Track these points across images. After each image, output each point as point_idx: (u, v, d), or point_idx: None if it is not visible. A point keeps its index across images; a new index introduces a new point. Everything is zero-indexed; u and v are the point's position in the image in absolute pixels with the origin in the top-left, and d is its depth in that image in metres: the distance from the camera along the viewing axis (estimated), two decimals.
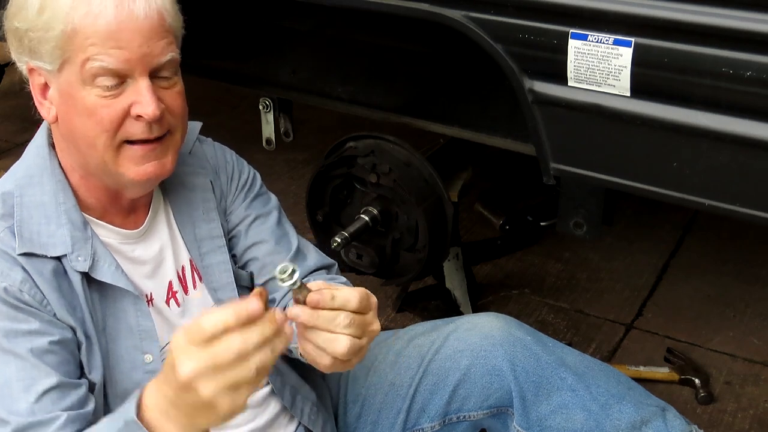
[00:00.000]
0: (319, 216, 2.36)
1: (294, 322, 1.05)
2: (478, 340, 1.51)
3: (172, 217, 1.42)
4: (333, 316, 1.05)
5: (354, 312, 1.06)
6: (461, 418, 1.53)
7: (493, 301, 2.77)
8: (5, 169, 1.33)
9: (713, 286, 2.81)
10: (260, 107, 2.50)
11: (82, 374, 1.24)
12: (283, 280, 1.02)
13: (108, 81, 1.20)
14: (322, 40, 2.41)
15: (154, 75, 1.23)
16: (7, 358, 1.17)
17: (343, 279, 1.55)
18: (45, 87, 1.25)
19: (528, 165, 2.00)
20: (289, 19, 2.41)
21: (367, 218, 2.24)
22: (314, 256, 1.54)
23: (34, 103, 1.29)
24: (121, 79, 1.20)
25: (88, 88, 1.20)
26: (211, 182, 1.46)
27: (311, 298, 1.04)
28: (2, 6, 1.26)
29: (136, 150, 1.25)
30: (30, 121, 1.28)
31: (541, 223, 3.08)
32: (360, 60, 2.36)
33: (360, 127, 2.38)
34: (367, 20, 2.09)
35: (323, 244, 2.39)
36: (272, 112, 2.49)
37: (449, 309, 2.59)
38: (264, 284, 1.46)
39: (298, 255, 1.49)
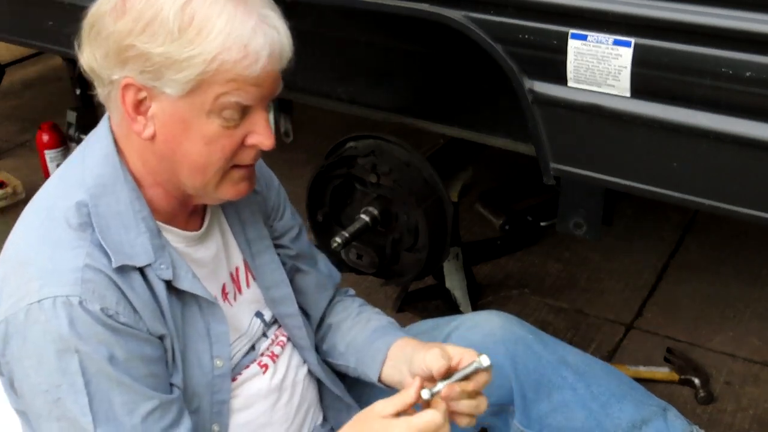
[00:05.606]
0: (319, 216, 2.36)
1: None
2: (480, 338, 1.51)
3: (223, 219, 1.43)
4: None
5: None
6: None
7: (493, 301, 2.77)
8: (5, 168, 1.32)
9: (713, 286, 2.81)
10: None
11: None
12: (479, 365, 1.26)
13: (236, 114, 1.19)
14: (322, 40, 2.40)
15: None
16: (110, 384, 1.17)
17: (352, 291, 1.68)
18: (141, 103, 1.20)
19: (528, 165, 2.00)
20: (289, 19, 2.41)
21: (367, 218, 2.24)
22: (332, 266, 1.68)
23: (98, 109, 1.27)
24: (246, 111, 1.21)
25: (213, 117, 1.19)
26: (257, 191, 1.46)
27: (444, 395, 1.23)
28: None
29: (241, 173, 1.27)
30: (30, 121, 1.27)
31: (541, 223, 3.08)
32: (360, 60, 2.36)
33: (360, 127, 2.39)
34: (367, 20, 2.08)
35: (323, 244, 2.39)
36: (272, 112, 2.49)
37: (449, 309, 2.59)
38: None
39: (331, 271, 1.64)
